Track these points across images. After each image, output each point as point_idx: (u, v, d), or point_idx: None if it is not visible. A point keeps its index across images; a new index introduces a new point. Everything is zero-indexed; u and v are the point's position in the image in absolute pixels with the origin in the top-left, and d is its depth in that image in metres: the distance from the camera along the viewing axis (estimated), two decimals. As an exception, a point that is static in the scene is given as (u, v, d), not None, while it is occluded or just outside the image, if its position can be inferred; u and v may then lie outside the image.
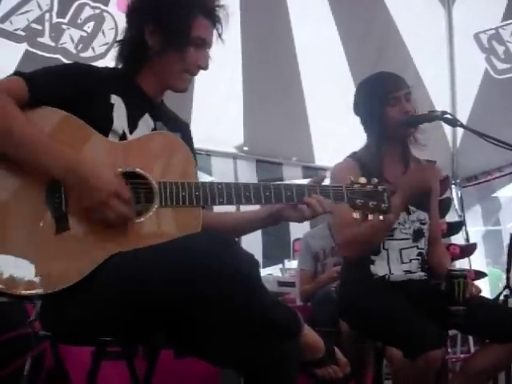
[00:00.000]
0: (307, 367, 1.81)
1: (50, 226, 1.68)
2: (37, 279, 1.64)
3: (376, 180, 2.05)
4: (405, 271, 2.76)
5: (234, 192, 1.85)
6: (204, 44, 1.98)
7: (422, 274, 2.82)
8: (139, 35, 1.96)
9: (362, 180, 2.03)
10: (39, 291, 1.65)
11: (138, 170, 1.80)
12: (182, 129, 2.14)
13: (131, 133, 1.91)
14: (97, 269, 1.67)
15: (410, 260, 2.78)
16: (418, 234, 2.82)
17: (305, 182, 2.01)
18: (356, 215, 2.01)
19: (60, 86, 1.82)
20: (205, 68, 2.01)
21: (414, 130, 2.80)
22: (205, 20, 1.97)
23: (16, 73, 1.81)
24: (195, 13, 1.94)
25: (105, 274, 1.66)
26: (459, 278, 2.57)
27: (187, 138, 2.15)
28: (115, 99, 1.90)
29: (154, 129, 1.99)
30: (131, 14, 2.01)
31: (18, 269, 1.64)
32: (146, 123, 1.97)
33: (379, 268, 2.75)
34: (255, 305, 1.57)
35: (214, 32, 2.04)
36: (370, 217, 2.03)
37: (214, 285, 1.50)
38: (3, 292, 1.64)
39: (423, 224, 2.84)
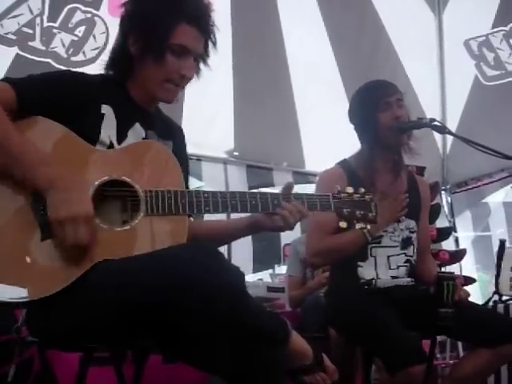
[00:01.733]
0: (295, 374, 1.80)
1: (36, 233, 1.67)
2: (22, 286, 1.64)
3: (363, 189, 2.05)
4: (392, 277, 2.77)
5: (220, 200, 1.84)
6: (188, 52, 1.92)
7: (409, 279, 2.82)
8: (124, 43, 1.95)
9: (349, 189, 2.03)
10: (24, 298, 1.64)
11: (124, 178, 1.79)
12: (175, 136, 2.13)
13: (120, 143, 1.90)
14: (82, 276, 1.66)
15: (398, 267, 2.80)
16: (406, 242, 2.84)
17: (295, 187, 2.00)
18: (343, 224, 2.00)
19: (49, 94, 1.80)
20: (189, 78, 1.96)
21: (407, 137, 2.81)
22: (189, 28, 1.91)
23: (4, 79, 1.80)
24: (177, 20, 1.89)
25: (90, 281, 1.64)
26: (448, 280, 2.59)
27: (180, 144, 2.14)
28: (105, 109, 1.88)
29: (145, 138, 1.97)
30: (121, 22, 1.99)
31: (3, 275, 1.63)
32: (135, 133, 1.95)
33: (366, 272, 2.76)
34: (242, 312, 1.57)
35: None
36: (358, 226, 2.04)
37: (201, 293, 1.50)
38: None
39: (412, 232, 2.86)
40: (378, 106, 2.79)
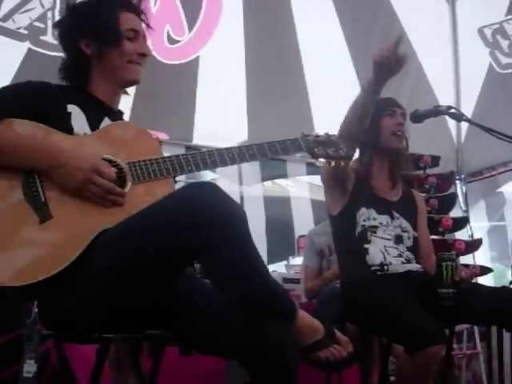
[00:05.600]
0: (309, 352, 1.78)
1: (33, 218, 1.72)
2: (26, 270, 1.67)
3: (327, 131, 2.17)
4: (401, 261, 2.81)
5: (199, 159, 1.95)
6: (137, 34, 2.10)
7: (419, 266, 2.87)
8: (78, 52, 2.07)
9: (314, 133, 2.16)
10: (29, 280, 1.66)
11: (105, 155, 1.87)
12: None
13: None
14: (87, 250, 1.71)
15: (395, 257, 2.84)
16: (398, 239, 2.90)
17: (309, 178, 2.02)
18: (319, 163, 2.12)
19: (18, 104, 1.88)
20: (148, 54, 2.13)
21: (404, 148, 3.04)
22: (128, 14, 2.11)
23: None
24: (118, 11, 2.09)
25: (97, 252, 1.69)
26: (447, 261, 2.62)
27: None
28: (72, 108, 1.97)
29: None
30: (64, 39, 2.12)
31: (7, 263, 1.67)
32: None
33: (374, 255, 2.80)
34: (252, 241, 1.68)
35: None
36: (333, 163, 2.12)
37: (223, 219, 1.62)
38: None
39: (404, 232, 2.93)
40: (384, 111, 2.99)
